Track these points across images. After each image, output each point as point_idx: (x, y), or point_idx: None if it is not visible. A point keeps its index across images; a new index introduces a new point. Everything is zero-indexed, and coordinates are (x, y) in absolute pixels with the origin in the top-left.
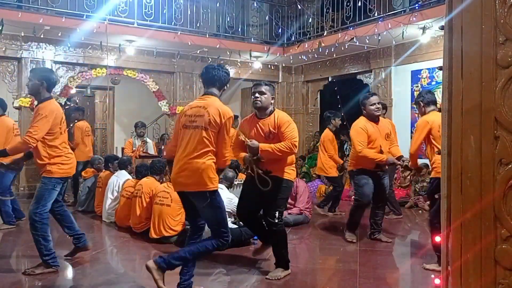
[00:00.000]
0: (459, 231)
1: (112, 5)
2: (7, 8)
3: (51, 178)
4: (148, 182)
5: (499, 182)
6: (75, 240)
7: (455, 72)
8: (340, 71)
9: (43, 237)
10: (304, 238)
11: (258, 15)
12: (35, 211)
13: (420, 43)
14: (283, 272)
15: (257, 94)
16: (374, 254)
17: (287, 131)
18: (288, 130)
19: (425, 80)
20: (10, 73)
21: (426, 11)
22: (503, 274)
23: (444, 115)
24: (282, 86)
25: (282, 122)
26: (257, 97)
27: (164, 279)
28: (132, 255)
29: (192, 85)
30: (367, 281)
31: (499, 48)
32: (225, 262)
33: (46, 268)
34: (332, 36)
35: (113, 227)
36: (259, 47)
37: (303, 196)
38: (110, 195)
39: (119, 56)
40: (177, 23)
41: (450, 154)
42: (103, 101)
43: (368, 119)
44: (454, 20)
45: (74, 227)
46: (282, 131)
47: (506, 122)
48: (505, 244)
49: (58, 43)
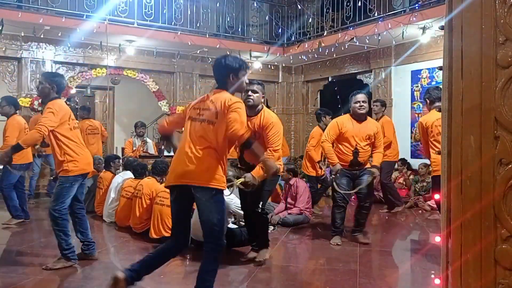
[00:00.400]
0: (459, 231)
1: (112, 5)
2: (7, 8)
3: (68, 177)
4: (149, 182)
5: (499, 182)
6: (84, 246)
7: (455, 72)
8: (340, 71)
9: (64, 232)
10: (304, 238)
11: (258, 15)
12: (54, 208)
13: (420, 43)
14: (267, 251)
15: (250, 92)
16: (374, 254)
17: (270, 136)
18: (271, 134)
19: (425, 80)
20: (10, 73)
21: (426, 11)
22: (503, 274)
23: (444, 115)
24: (282, 86)
25: (266, 124)
26: (250, 95)
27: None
28: (132, 255)
29: (192, 85)
30: (367, 281)
31: (499, 48)
32: (225, 262)
33: (66, 262)
34: (332, 36)
35: (113, 227)
36: (259, 47)
37: (303, 196)
38: (112, 194)
39: (119, 56)
40: (177, 23)
41: (450, 154)
42: (103, 101)
43: (352, 117)
44: (454, 20)
45: (87, 234)
46: (266, 133)
47: (506, 122)
48: (505, 244)
49: (58, 43)
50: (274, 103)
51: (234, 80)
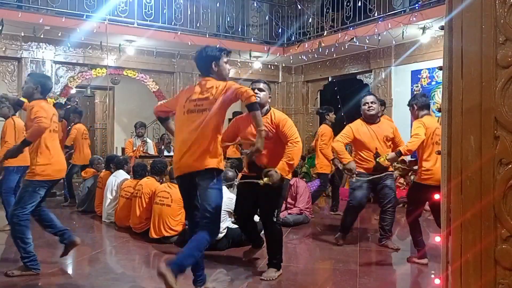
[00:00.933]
0: (459, 231)
1: (112, 5)
2: (7, 8)
3: (32, 181)
4: (148, 182)
5: (499, 182)
6: (60, 238)
7: (455, 72)
8: (340, 71)
9: (21, 239)
10: (304, 238)
11: (258, 15)
12: (13, 212)
13: (420, 43)
14: (276, 272)
15: (256, 90)
16: (374, 254)
17: (287, 130)
18: (287, 128)
19: (425, 80)
20: (10, 73)
21: (426, 11)
22: (503, 274)
23: (444, 115)
24: (282, 86)
25: (279, 121)
26: (257, 93)
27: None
28: (132, 255)
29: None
30: (367, 281)
31: (499, 48)
32: (225, 262)
33: (24, 271)
34: (332, 36)
35: (113, 227)
36: (259, 47)
37: (303, 196)
38: (109, 195)
39: (119, 56)
40: (177, 23)
41: (450, 154)
42: (103, 101)
43: (364, 120)
44: (454, 20)
45: (55, 224)
46: (282, 130)
47: (506, 122)
48: (505, 244)
49: (58, 43)
50: (274, 103)
51: (217, 68)
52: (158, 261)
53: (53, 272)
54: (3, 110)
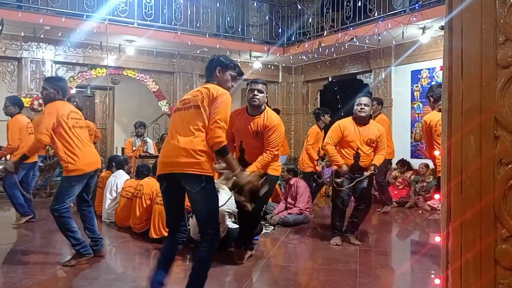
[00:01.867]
0: (459, 231)
1: (112, 5)
2: (7, 8)
3: (68, 177)
4: (149, 182)
5: (499, 182)
6: (92, 242)
7: (455, 72)
8: (340, 71)
9: (68, 229)
10: (304, 238)
11: (258, 15)
12: (53, 207)
13: (420, 43)
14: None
15: (256, 91)
16: (374, 254)
17: (271, 138)
18: (273, 136)
19: (425, 80)
20: (10, 73)
21: (426, 11)
22: (503, 274)
23: (444, 115)
24: (282, 86)
25: (270, 125)
26: (256, 95)
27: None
28: (132, 255)
29: (192, 85)
30: (367, 281)
31: (499, 48)
32: (225, 262)
33: (80, 258)
34: (332, 36)
35: (113, 227)
36: (259, 47)
37: (303, 196)
38: (108, 195)
39: (119, 56)
40: (177, 23)
41: (450, 154)
42: (103, 101)
43: (354, 120)
44: (454, 20)
45: (95, 230)
46: (267, 136)
47: (506, 122)
48: (505, 244)
49: (58, 43)
50: (274, 103)
51: (220, 75)
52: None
53: (54, 272)
54: (9, 109)
